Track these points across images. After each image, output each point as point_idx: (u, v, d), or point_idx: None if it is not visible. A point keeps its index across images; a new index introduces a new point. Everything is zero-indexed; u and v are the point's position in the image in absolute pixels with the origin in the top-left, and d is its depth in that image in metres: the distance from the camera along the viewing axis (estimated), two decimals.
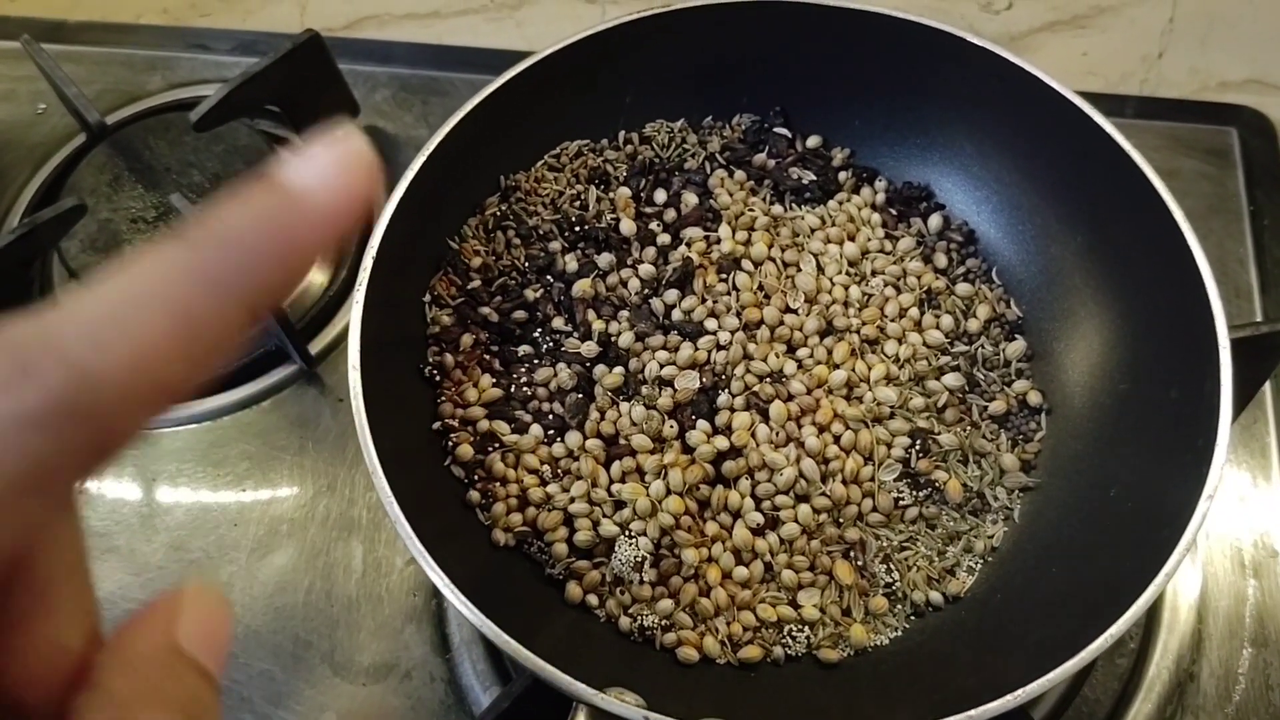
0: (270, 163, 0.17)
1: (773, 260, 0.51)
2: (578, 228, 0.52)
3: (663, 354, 0.48)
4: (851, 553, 0.45)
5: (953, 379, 0.49)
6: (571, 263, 0.51)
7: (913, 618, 0.45)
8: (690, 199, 0.53)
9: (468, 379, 0.48)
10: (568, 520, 0.45)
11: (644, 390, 0.47)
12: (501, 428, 0.47)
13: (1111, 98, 0.66)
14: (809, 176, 0.54)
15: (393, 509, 0.38)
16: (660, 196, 0.53)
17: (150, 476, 0.54)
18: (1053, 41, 0.71)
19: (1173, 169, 0.62)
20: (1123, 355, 0.47)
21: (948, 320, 0.50)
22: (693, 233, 0.51)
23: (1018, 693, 0.35)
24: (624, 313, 0.49)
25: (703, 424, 0.46)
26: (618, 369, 0.48)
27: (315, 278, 0.60)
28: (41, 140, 0.67)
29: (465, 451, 0.46)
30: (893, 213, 0.54)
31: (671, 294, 0.50)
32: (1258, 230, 0.60)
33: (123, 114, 0.67)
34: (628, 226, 0.52)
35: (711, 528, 0.45)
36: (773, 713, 0.41)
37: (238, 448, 0.55)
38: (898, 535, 0.46)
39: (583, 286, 0.50)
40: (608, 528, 0.44)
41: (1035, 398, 0.48)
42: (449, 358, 0.48)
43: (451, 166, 0.48)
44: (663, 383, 0.47)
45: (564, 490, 0.46)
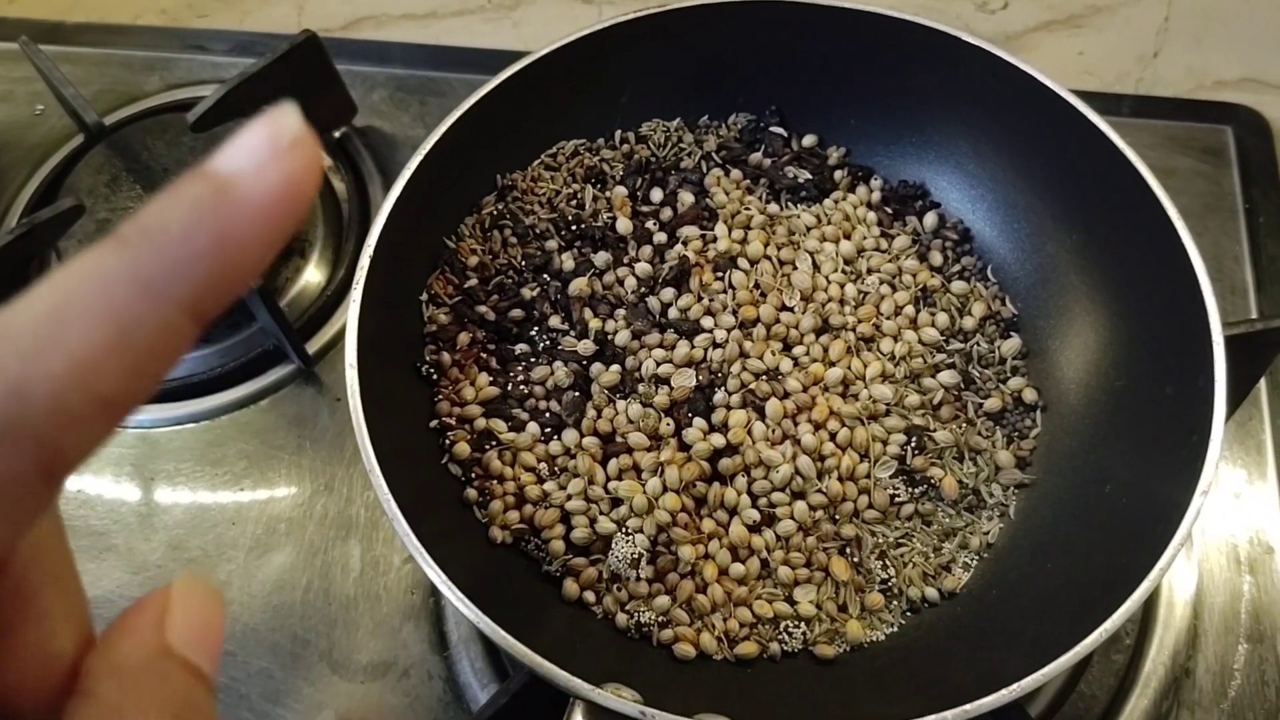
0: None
1: (769, 258, 0.51)
2: (574, 227, 0.52)
3: (659, 352, 0.48)
4: (848, 549, 0.45)
5: (948, 376, 0.49)
6: (568, 261, 0.51)
7: (909, 614, 0.45)
8: (686, 198, 0.53)
9: (465, 377, 0.48)
10: (565, 518, 0.45)
11: (641, 388, 0.47)
12: (499, 426, 0.47)
13: (1107, 97, 0.66)
14: (804, 175, 0.54)
15: (390, 507, 0.38)
16: (656, 195, 0.53)
17: (148, 476, 0.54)
18: (1048, 41, 0.71)
19: (1168, 167, 0.62)
20: (1118, 352, 0.47)
21: (943, 318, 0.50)
22: (689, 231, 0.51)
23: (1013, 687, 0.35)
24: (620, 311, 0.49)
25: (699, 421, 0.46)
26: (614, 367, 0.48)
27: (312, 277, 0.60)
28: (39, 141, 0.67)
29: (462, 449, 0.46)
30: (888, 211, 0.54)
31: (668, 292, 0.50)
32: (1253, 228, 0.60)
33: (120, 115, 0.67)
34: (624, 225, 0.52)
35: (708, 525, 0.45)
36: (769, 708, 0.41)
37: (236, 447, 0.55)
38: (893, 532, 0.46)
39: (579, 285, 0.50)
40: (605, 525, 0.45)
41: (1030, 395, 0.49)
42: (446, 356, 0.48)
43: (448, 166, 0.48)
44: (659, 381, 0.48)
45: (561, 488, 0.46)
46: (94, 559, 0.51)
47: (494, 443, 0.47)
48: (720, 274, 0.50)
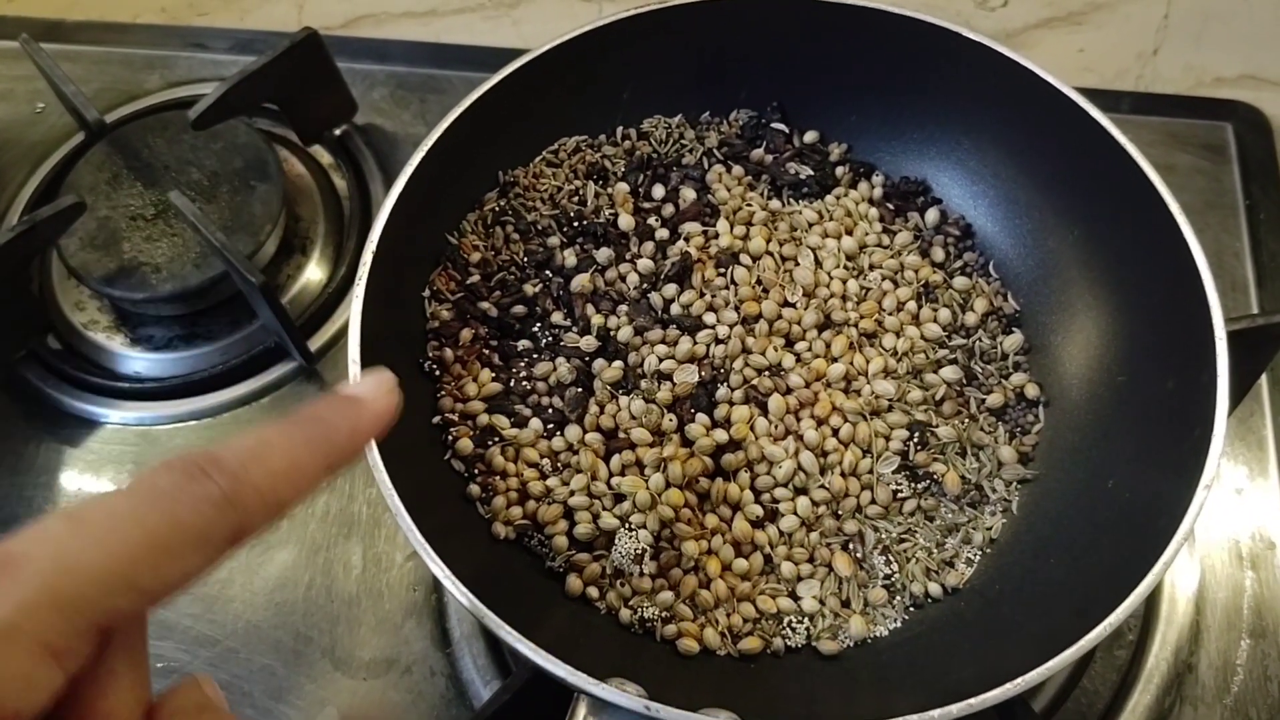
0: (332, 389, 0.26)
1: (771, 255, 0.51)
2: (576, 223, 0.52)
3: (661, 348, 0.48)
4: (850, 545, 0.45)
5: (950, 372, 0.49)
6: (570, 258, 0.51)
7: (911, 609, 0.45)
8: (688, 194, 0.53)
9: (467, 373, 0.48)
10: (568, 513, 0.45)
11: (643, 384, 0.47)
12: (501, 422, 0.47)
13: (1107, 94, 0.66)
14: (806, 171, 0.54)
15: (394, 503, 0.38)
16: (658, 192, 0.53)
17: None
18: (1049, 38, 0.71)
19: (1169, 164, 0.62)
20: (1120, 348, 0.47)
21: (945, 314, 0.51)
22: (691, 227, 0.51)
23: (1016, 682, 0.35)
24: (623, 307, 0.49)
25: (702, 417, 0.46)
26: (617, 363, 0.48)
27: (314, 274, 0.60)
28: (40, 139, 0.68)
29: (465, 445, 0.46)
30: (890, 207, 0.54)
31: (670, 288, 0.50)
32: (1253, 224, 0.60)
33: (121, 112, 0.67)
34: (626, 222, 0.52)
35: (711, 520, 0.45)
36: (773, 704, 0.41)
37: None
38: (896, 527, 0.46)
39: (581, 281, 0.50)
40: (608, 520, 0.45)
41: (1033, 390, 0.49)
42: (448, 352, 0.48)
43: (449, 163, 0.48)
44: (661, 377, 0.48)
45: (564, 483, 0.46)
46: None
47: (497, 438, 0.47)
48: (722, 270, 0.50)
